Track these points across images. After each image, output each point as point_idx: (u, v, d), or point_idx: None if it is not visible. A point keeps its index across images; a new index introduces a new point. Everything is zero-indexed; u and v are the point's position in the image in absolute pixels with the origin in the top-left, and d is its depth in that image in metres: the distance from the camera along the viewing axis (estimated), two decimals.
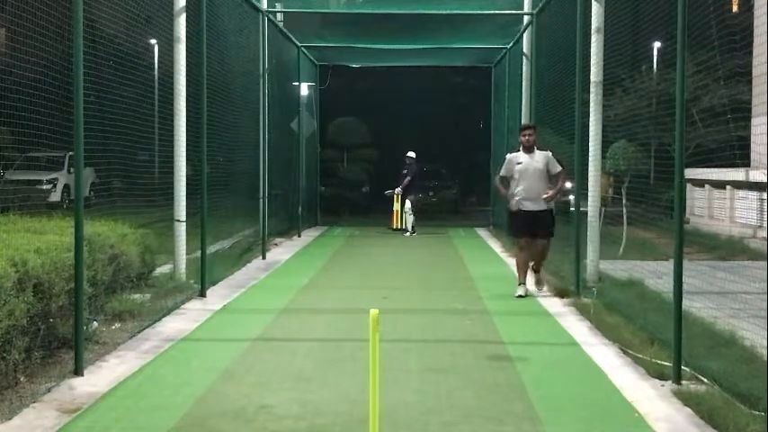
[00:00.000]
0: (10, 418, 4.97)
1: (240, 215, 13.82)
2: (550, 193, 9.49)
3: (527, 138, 9.62)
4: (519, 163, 9.61)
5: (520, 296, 9.55)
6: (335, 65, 23.49)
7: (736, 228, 15.40)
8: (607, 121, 10.74)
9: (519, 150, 9.77)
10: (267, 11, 14.87)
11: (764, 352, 5.65)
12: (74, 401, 5.36)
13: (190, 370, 6.25)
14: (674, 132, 6.13)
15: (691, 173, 13.31)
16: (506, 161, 9.89)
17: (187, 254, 10.06)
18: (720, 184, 16.54)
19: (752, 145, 10.65)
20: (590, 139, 9.87)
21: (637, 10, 10.59)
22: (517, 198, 9.61)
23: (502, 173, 9.87)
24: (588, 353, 6.91)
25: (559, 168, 9.57)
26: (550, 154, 9.72)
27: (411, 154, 19.22)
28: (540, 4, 13.27)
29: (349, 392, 5.55)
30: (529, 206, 9.55)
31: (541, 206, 9.53)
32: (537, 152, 9.67)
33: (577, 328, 7.89)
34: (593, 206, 9.87)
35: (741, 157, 10.85)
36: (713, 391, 5.47)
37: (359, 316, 7.03)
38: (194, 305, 8.96)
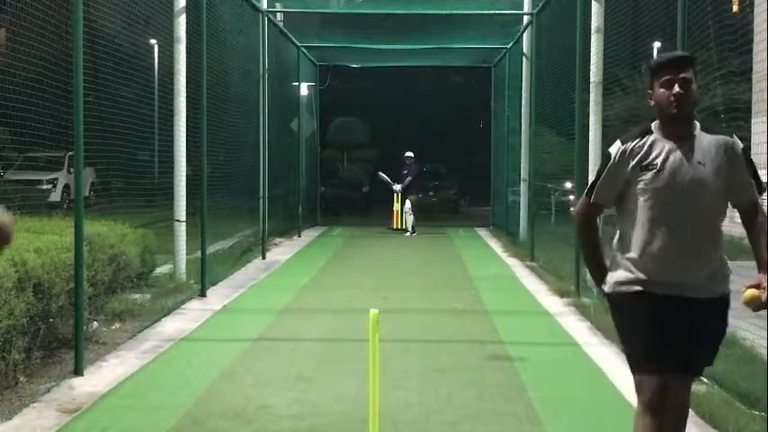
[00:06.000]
0: (10, 418, 4.97)
1: (240, 215, 13.82)
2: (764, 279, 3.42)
3: (678, 93, 3.41)
4: (649, 167, 3.49)
5: None
6: (335, 65, 23.53)
7: (737, 228, 15.39)
8: (607, 120, 10.75)
9: (649, 132, 3.55)
10: (267, 11, 14.88)
11: (764, 352, 5.65)
12: (74, 401, 5.36)
13: (190, 370, 6.25)
14: None
15: None
16: (611, 163, 3.57)
17: (187, 254, 10.06)
18: None
19: (751, 145, 10.64)
20: (590, 139, 9.87)
21: (637, 10, 10.60)
22: (634, 262, 3.52)
23: (596, 198, 3.64)
24: (588, 353, 6.91)
25: (757, 194, 3.56)
26: (738, 143, 3.54)
27: (409, 154, 19.23)
28: (540, 4, 13.27)
29: (349, 392, 5.54)
30: (675, 285, 3.47)
31: (710, 288, 3.51)
32: (702, 136, 3.51)
33: (577, 328, 7.89)
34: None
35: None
36: (713, 390, 5.47)
37: (359, 316, 7.03)
38: (194, 305, 8.96)
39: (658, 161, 3.47)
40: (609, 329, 7.56)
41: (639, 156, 3.50)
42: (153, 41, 12.72)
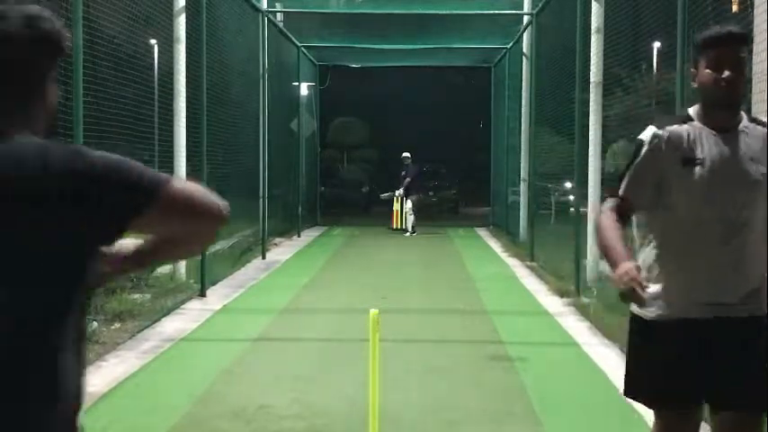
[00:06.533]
0: None
1: (240, 215, 13.80)
2: None
3: (730, 77, 2.77)
4: (694, 162, 2.83)
5: None
6: (335, 65, 23.53)
7: None
8: (607, 120, 10.76)
9: (688, 119, 2.92)
10: (267, 11, 14.87)
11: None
12: None
13: (190, 370, 6.25)
14: None
15: None
16: (645, 151, 2.92)
17: None
18: None
19: None
20: (590, 139, 9.87)
21: (637, 10, 10.60)
22: (667, 280, 2.88)
23: (625, 192, 2.93)
24: (588, 353, 6.90)
25: None
26: None
27: (406, 154, 19.26)
28: (540, 4, 13.27)
29: (349, 392, 5.54)
30: (716, 306, 2.83)
31: (755, 306, 2.86)
32: (751, 128, 2.90)
33: (577, 328, 7.88)
34: (592, 206, 9.87)
35: None
36: None
37: (359, 316, 7.02)
38: (194, 305, 8.96)
39: (703, 155, 2.83)
40: (609, 329, 7.57)
41: (680, 148, 2.85)
42: (153, 41, 12.71)
